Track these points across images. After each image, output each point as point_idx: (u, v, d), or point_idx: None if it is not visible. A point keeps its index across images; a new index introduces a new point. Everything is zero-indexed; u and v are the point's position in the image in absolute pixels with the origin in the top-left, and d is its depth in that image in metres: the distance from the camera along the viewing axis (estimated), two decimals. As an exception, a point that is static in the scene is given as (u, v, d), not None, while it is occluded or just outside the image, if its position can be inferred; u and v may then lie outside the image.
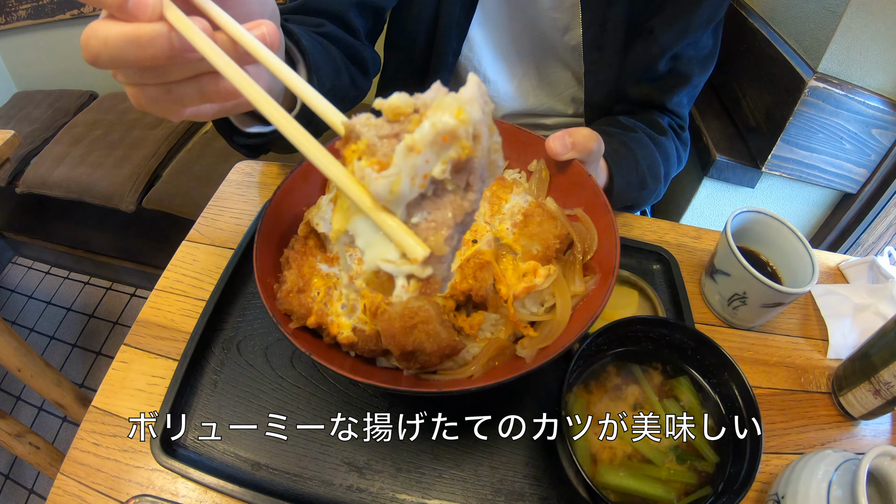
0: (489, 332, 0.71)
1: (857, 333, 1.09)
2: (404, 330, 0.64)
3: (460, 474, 0.83)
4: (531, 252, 0.74)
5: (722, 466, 0.74)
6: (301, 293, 0.70)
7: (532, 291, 0.71)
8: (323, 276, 0.72)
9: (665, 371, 0.83)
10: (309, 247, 0.75)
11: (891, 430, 0.99)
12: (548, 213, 0.76)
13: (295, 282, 0.71)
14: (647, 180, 1.13)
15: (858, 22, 1.28)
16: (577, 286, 0.75)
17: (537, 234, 0.74)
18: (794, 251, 1.03)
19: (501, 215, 0.78)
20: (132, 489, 0.79)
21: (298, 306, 0.70)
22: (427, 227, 0.46)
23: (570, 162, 0.82)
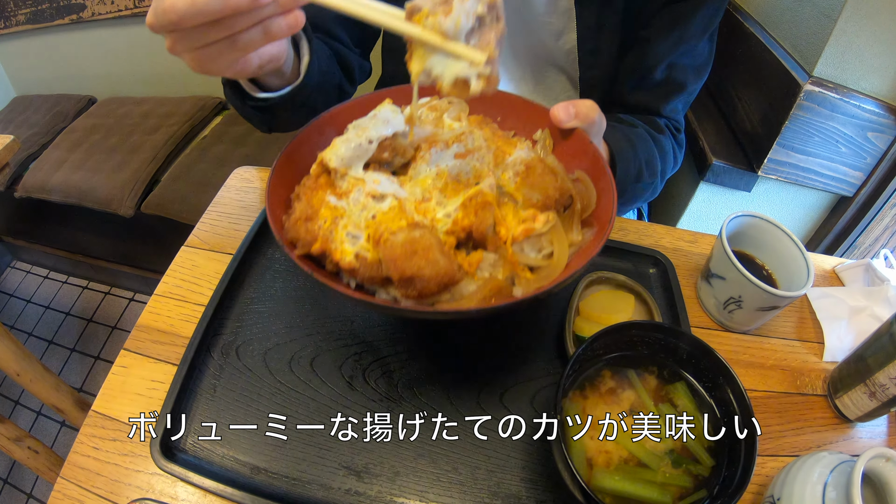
0: (487, 272, 0.72)
1: (852, 336, 1.09)
2: (405, 255, 0.66)
3: (458, 477, 0.83)
4: (531, 200, 0.76)
5: (717, 470, 0.75)
6: (308, 221, 0.72)
7: (531, 236, 0.73)
8: (331, 207, 0.73)
9: (661, 376, 0.83)
10: (319, 183, 0.77)
11: (887, 431, 0.99)
12: (549, 168, 0.78)
13: (303, 211, 0.73)
14: (643, 173, 1.14)
15: (853, 26, 1.29)
16: (574, 235, 0.77)
17: (538, 184, 0.76)
18: (789, 255, 1.03)
19: (504, 165, 0.80)
20: (132, 493, 0.80)
21: (305, 233, 0.71)
22: (481, 45, 0.70)
23: (573, 131, 0.85)
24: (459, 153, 0.79)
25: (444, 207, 0.73)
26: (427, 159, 0.79)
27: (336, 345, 0.97)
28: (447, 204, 0.74)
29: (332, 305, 1.03)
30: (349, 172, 0.75)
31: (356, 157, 0.76)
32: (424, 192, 0.76)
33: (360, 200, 0.73)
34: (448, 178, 0.77)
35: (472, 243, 0.74)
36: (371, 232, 0.70)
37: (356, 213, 0.72)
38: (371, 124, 0.78)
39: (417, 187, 0.76)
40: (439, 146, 0.80)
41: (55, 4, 2.78)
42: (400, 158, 0.80)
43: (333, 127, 0.84)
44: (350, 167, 0.75)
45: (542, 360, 0.98)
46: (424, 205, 0.74)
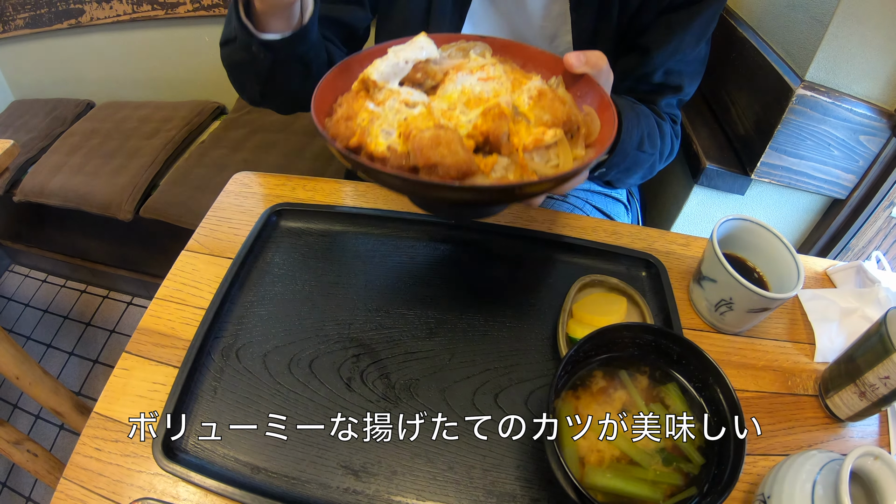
0: (499, 174, 0.78)
1: (843, 337, 1.10)
2: (431, 145, 0.73)
3: (454, 476, 0.85)
4: (542, 120, 0.82)
5: (707, 468, 0.76)
6: (348, 120, 0.79)
7: (540, 146, 0.79)
8: (369, 110, 0.80)
9: (653, 376, 0.85)
10: (359, 95, 0.84)
11: (878, 431, 1.00)
12: (559, 97, 0.84)
13: (344, 112, 0.81)
14: (645, 143, 1.16)
15: (845, 30, 1.30)
16: (578, 150, 0.83)
17: (549, 107, 0.82)
18: (780, 257, 1.05)
19: (520, 91, 0.85)
20: (134, 493, 0.81)
21: (345, 130, 0.79)
22: None
23: (583, 76, 0.90)
24: (482, 78, 0.86)
25: (467, 115, 0.80)
26: (454, 80, 0.86)
27: (334, 347, 0.99)
28: (469, 113, 0.81)
29: (330, 309, 1.04)
30: (386, 86, 0.84)
31: (393, 73, 0.84)
32: (450, 105, 0.83)
33: (395, 106, 0.81)
34: (471, 94, 0.83)
35: (489, 148, 0.80)
36: (402, 130, 0.78)
37: (390, 116, 0.80)
38: (407, 47, 0.86)
39: (444, 101, 0.83)
40: (465, 71, 0.87)
41: (54, 9, 2.78)
42: (430, 81, 0.88)
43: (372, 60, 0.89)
44: (387, 82, 0.84)
45: (535, 362, 0.99)
46: (449, 112, 0.81)
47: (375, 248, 1.16)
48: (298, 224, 1.19)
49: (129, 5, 2.66)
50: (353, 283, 1.09)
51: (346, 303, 1.05)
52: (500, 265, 1.15)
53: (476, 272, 1.14)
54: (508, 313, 1.06)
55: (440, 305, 1.07)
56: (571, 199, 1.44)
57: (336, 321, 1.03)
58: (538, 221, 1.23)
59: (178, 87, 2.99)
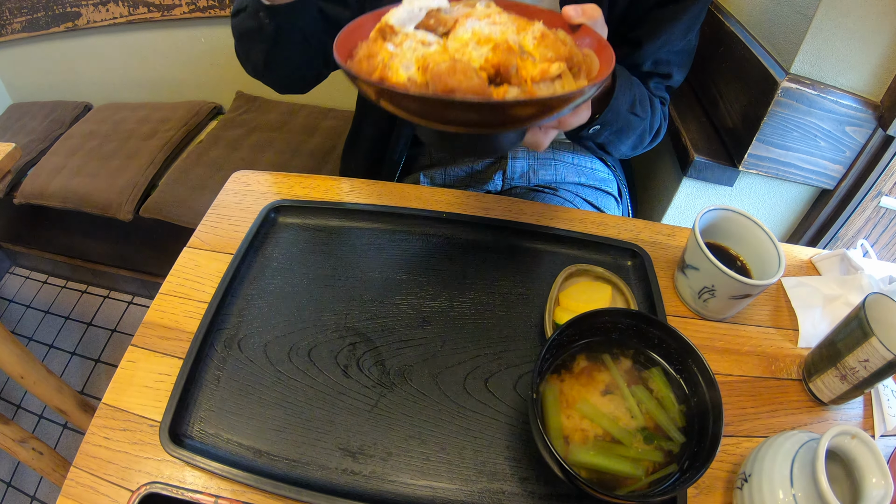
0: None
1: (826, 323, 1.13)
2: (448, 73, 0.77)
3: (446, 457, 0.88)
4: (546, 57, 0.85)
5: (687, 446, 0.79)
6: (370, 58, 0.83)
7: (546, 77, 0.83)
8: (388, 51, 0.84)
9: (637, 360, 0.88)
10: (378, 40, 0.88)
11: (862, 414, 1.03)
12: (561, 38, 0.89)
13: (365, 52, 0.84)
14: (636, 105, 1.19)
15: (829, 23, 1.31)
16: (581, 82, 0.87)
17: (552, 46, 0.86)
18: (762, 246, 1.07)
19: (525, 33, 0.89)
20: (142, 478, 0.84)
21: (367, 66, 0.83)
22: None
23: (581, 26, 0.96)
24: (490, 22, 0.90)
25: (478, 50, 0.84)
26: (464, 25, 0.89)
27: (332, 336, 1.02)
28: (480, 49, 0.84)
29: (327, 300, 1.07)
30: (403, 30, 0.87)
31: (409, 19, 0.88)
32: (462, 43, 0.87)
33: (412, 45, 0.85)
34: (481, 35, 0.87)
35: (499, 80, 0.83)
36: (421, 64, 0.82)
37: (409, 54, 0.84)
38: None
39: (457, 42, 0.87)
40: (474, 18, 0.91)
41: (50, 12, 2.79)
42: (442, 28, 0.91)
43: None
44: (404, 26, 0.88)
45: (524, 349, 1.02)
46: (462, 49, 0.85)
47: (370, 241, 1.18)
48: (296, 220, 1.21)
49: (125, 7, 2.68)
50: (350, 276, 1.12)
51: (343, 294, 1.08)
52: (489, 256, 1.17)
53: (467, 263, 1.16)
54: (498, 302, 1.09)
55: (433, 295, 1.10)
56: (562, 193, 1.46)
57: (333, 311, 1.05)
58: (527, 214, 1.25)
59: (176, 88, 3.01)
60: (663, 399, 0.83)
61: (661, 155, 1.83)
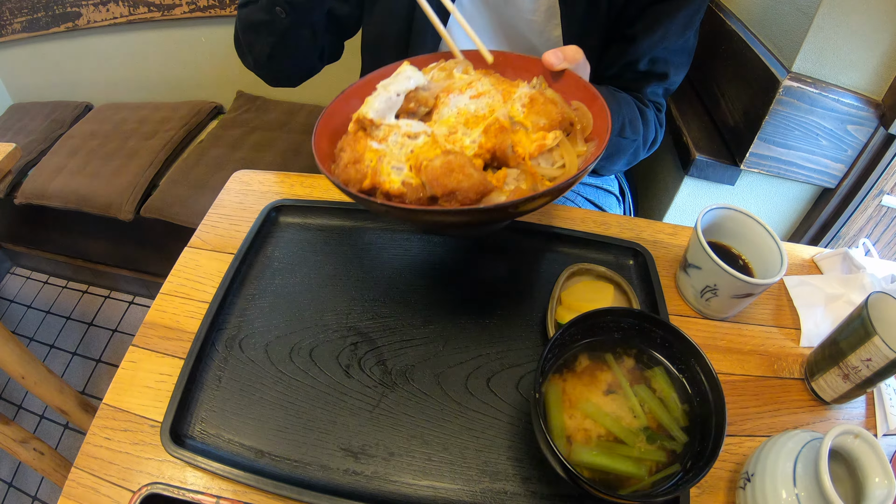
0: (513, 185, 0.81)
1: (829, 322, 1.13)
2: (445, 173, 0.75)
3: (448, 457, 0.88)
4: (539, 125, 0.85)
5: (690, 445, 0.79)
6: (356, 164, 0.82)
7: (544, 151, 0.83)
8: (374, 150, 0.82)
9: (640, 359, 0.87)
10: (358, 136, 0.86)
11: (865, 413, 1.03)
12: (550, 99, 0.88)
13: (350, 156, 0.83)
14: (626, 129, 1.20)
15: (830, 22, 1.31)
16: (580, 147, 0.87)
17: (543, 111, 0.86)
18: (764, 245, 1.07)
19: (512, 101, 0.88)
20: (143, 479, 0.84)
21: (355, 173, 0.81)
22: None
23: (563, 72, 0.95)
24: (473, 95, 0.90)
25: (469, 136, 0.83)
26: (447, 103, 0.89)
27: (333, 336, 1.02)
28: (471, 133, 0.83)
29: (328, 300, 1.07)
30: (384, 122, 0.86)
31: (388, 108, 0.86)
32: (450, 128, 0.86)
33: (398, 141, 0.83)
34: (468, 114, 0.86)
35: (496, 164, 0.83)
36: (412, 163, 0.80)
37: (396, 151, 0.82)
38: (396, 80, 0.88)
39: (444, 126, 0.86)
40: (455, 93, 0.90)
41: (51, 13, 2.80)
42: (423, 108, 0.91)
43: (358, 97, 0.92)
44: (384, 118, 0.86)
45: (526, 348, 1.02)
46: (452, 136, 0.84)
47: (371, 241, 1.18)
48: (297, 219, 1.21)
49: (125, 7, 2.68)
50: (351, 275, 1.11)
51: (344, 294, 1.08)
52: (492, 256, 1.17)
53: (469, 262, 1.16)
54: (500, 301, 1.09)
55: (435, 294, 1.09)
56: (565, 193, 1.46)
57: (335, 311, 1.05)
58: (529, 213, 1.24)
59: (176, 88, 3.01)
60: (666, 399, 0.83)
61: (663, 154, 1.83)
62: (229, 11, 2.56)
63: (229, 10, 2.56)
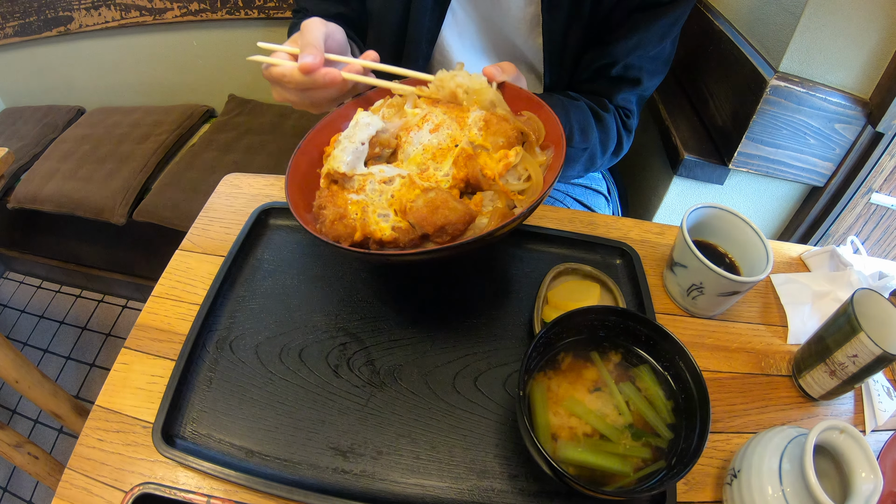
0: (490, 206, 0.86)
1: (816, 319, 1.14)
2: (431, 212, 0.79)
3: (436, 455, 0.89)
4: (498, 144, 0.90)
5: (675, 442, 0.79)
6: (342, 219, 0.84)
7: (510, 168, 0.88)
8: (355, 202, 0.85)
9: (626, 358, 0.88)
10: (333, 190, 0.89)
11: (853, 409, 1.04)
12: (502, 117, 0.93)
13: (334, 213, 0.84)
14: (574, 136, 1.22)
15: (816, 22, 1.32)
16: (540, 157, 0.92)
17: (499, 131, 0.91)
18: (750, 243, 1.08)
19: (468, 126, 0.92)
20: (135, 479, 0.84)
21: (343, 228, 0.83)
22: None
23: (504, 84, 1.00)
24: (432, 129, 0.93)
25: (441, 170, 0.87)
26: (410, 141, 0.93)
27: (322, 337, 1.02)
28: (441, 167, 0.87)
29: (318, 301, 1.08)
30: (356, 172, 0.88)
31: (356, 159, 0.89)
32: (420, 165, 0.90)
33: (376, 188, 0.86)
34: (433, 148, 0.90)
35: (470, 189, 0.88)
36: (396, 207, 0.84)
37: (377, 199, 0.86)
38: (356, 130, 0.91)
39: (413, 164, 0.90)
40: (413, 130, 0.94)
41: (42, 17, 2.79)
42: (387, 150, 0.94)
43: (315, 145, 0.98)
44: (355, 168, 0.89)
45: (513, 348, 1.03)
46: (425, 174, 0.88)
47: (360, 243, 1.19)
48: (287, 222, 1.22)
49: (117, 12, 2.68)
50: (340, 277, 1.12)
51: (333, 295, 1.09)
52: (479, 256, 1.18)
53: (456, 263, 1.17)
54: (487, 301, 1.10)
55: (422, 295, 1.11)
56: (552, 192, 1.47)
57: (323, 312, 1.06)
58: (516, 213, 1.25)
59: (168, 92, 3.01)
60: (651, 396, 0.84)
61: (652, 154, 1.84)
62: (220, 15, 2.56)
63: (220, 14, 2.56)
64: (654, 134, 1.80)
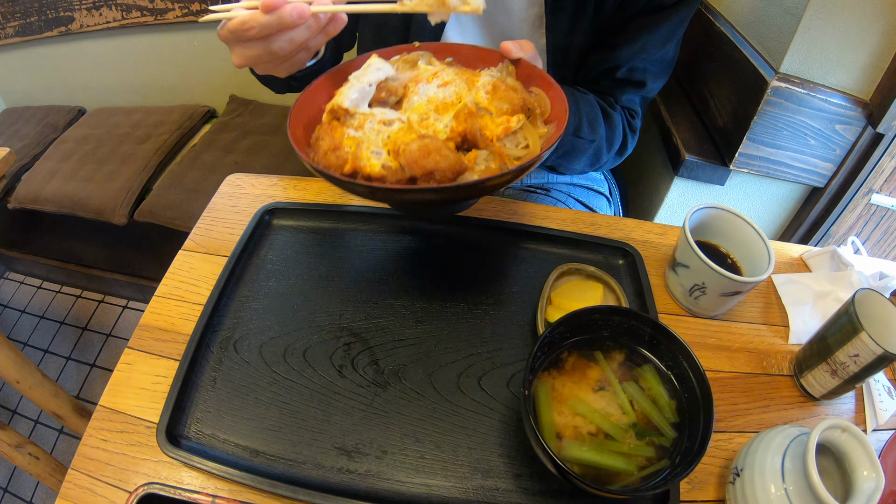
0: (483, 165, 0.86)
1: (817, 319, 1.14)
2: (423, 155, 0.79)
3: (440, 455, 0.89)
4: (502, 110, 0.90)
5: (679, 441, 0.80)
6: (336, 150, 0.84)
7: (509, 133, 0.88)
8: (352, 137, 0.85)
9: (630, 357, 0.89)
10: (333, 125, 0.89)
11: (854, 409, 1.04)
12: (510, 86, 0.93)
13: (329, 144, 0.85)
14: (583, 128, 1.22)
15: (817, 23, 1.32)
16: (541, 129, 0.92)
17: (505, 97, 0.91)
18: (752, 243, 1.08)
19: (476, 88, 0.92)
20: (139, 479, 0.85)
21: (335, 159, 0.84)
22: None
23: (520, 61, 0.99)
24: (440, 84, 0.93)
25: (441, 121, 0.87)
26: (417, 92, 0.93)
27: (327, 337, 1.02)
28: (443, 119, 0.87)
29: (322, 301, 1.08)
30: (358, 111, 0.89)
31: (361, 98, 0.90)
32: (422, 115, 0.89)
33: (375, 128, 0.87)
34: (437, 101, 0.90)
35: (467, 146, 0.87)
36: (390, 147, 0.84)
37: (374, 137, 0.86)
38: (367, 72, 0.93)
39: (416, 113, 0.90)
40: (423, 82, 0.94)
41: (44, 17, 2.79)
42: (393, 97, 0.94)
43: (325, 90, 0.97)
44: (358, 107, 0.89)
45: (516, 347, 1.04)
46: (425, 122, 0.88)
47: (364, 242, 1.19)
48: (290, 222, 1.22)
49: (118, 12, 2.68)
50: (344, 277, 1.12)
51: (337, 295, 1.09)
52: (482, 256, 1.18)
53: (460, 263, 1.17)
54: (491, 301, 1.10)
55: (426, 295, 1.10)
56: (554, 193, 1.47)
57: (328, 312, 1.06)
58: (519, 214, 1.26)
59: (169, 92, 3.01)
60: (655, 395, 0.84)
61: (653, 155, 1.84)
62: (222, 15, 2.56)
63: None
64: (655, 135, 1.80)
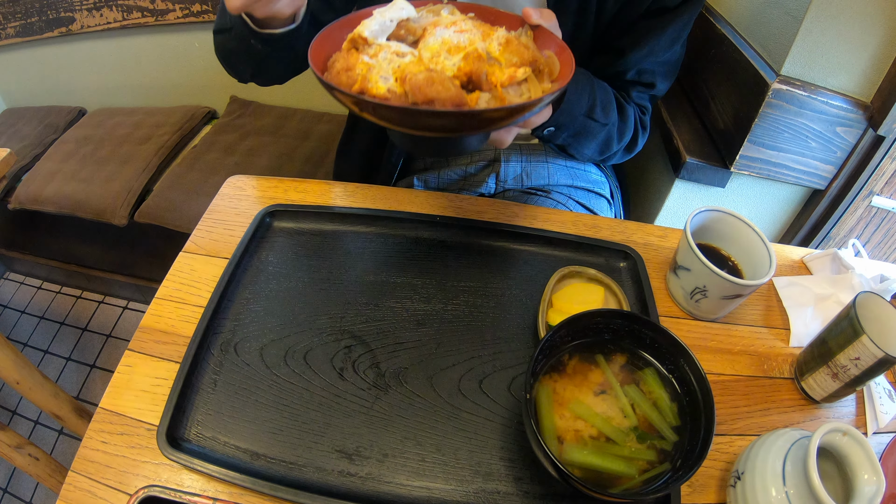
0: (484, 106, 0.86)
1: (818, 322, 1.14)
2: (427, 84, 0.81)
3: (441, 458, 0.89)
4: (512, 62, 0.91)
5: (680, 444, 0.80)
6: (348, 71, 0.87)
7: (513, 82, 0.89)
8: (364, 63, 0.87)
9: (631, 361, 0.89)
10: (351, 52, 0.91)
11: (855, 412, 1.04)
12: (524, 44, 0.94)
13: (343, 65, 0.88)
14: (596, 110, 1.21)
15: (819, 26, 1.32)
16: (546, 84, 0.93)
17: (516, 51, 0.92)
18: (753, 246, 1.08)
19: (490, 39, 0.94)
20: (140, 482, 0.84)
21: (346, 79, 0.86)
22: None
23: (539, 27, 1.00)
24: (457, 31, 0.95)
25: (451, 60, 0.89)
26: (433, 34, 0.94)
27: (327, 339, 1.02)
28: (452, 58, 0.89)
29: (323, 304, 1.08)
30: (376, 41, 0.92)
31: (381, 31, 0.92)
32: (434, 53, 0.91)
33: (388, 57, 0.89)
34: (451, 44, 0.92)
35: (471, 87, 0.88)
36: (398, 75, 0.86)
37: (385, 65, 0.88)
38: (391, 9, 0.95)
39: (428, 51, 0.91)
40: (441, 27, 0.96)
41: (44, 17, 2.79)
42: (412, 37, 0.96)
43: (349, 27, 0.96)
44: (376, 38, 0.92)
45: (517, 350, 1.04)
46: (436, 59, 0.89)
47: (365, 245, 1.19)
48: (291, 224, 1.22)
49: (119, 13, 2.68)
50: (345, 279, 1.12)
51: (338, 297, 1.09)
52: (483, 259, 1.18)
53: (460, 266, 1.17)
54: (491, 304, 1.10)
55: (427, 298, 1.10)
56: (555, 195, 1.47)
57: (329, 315, 1.06)
58: (520, 216, 1.26)
59: (170, 93, 3.01)
60: (656, 398, 0.84)
61: (654, 157, 1.84)
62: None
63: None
64: (656, 137, 1.80)
